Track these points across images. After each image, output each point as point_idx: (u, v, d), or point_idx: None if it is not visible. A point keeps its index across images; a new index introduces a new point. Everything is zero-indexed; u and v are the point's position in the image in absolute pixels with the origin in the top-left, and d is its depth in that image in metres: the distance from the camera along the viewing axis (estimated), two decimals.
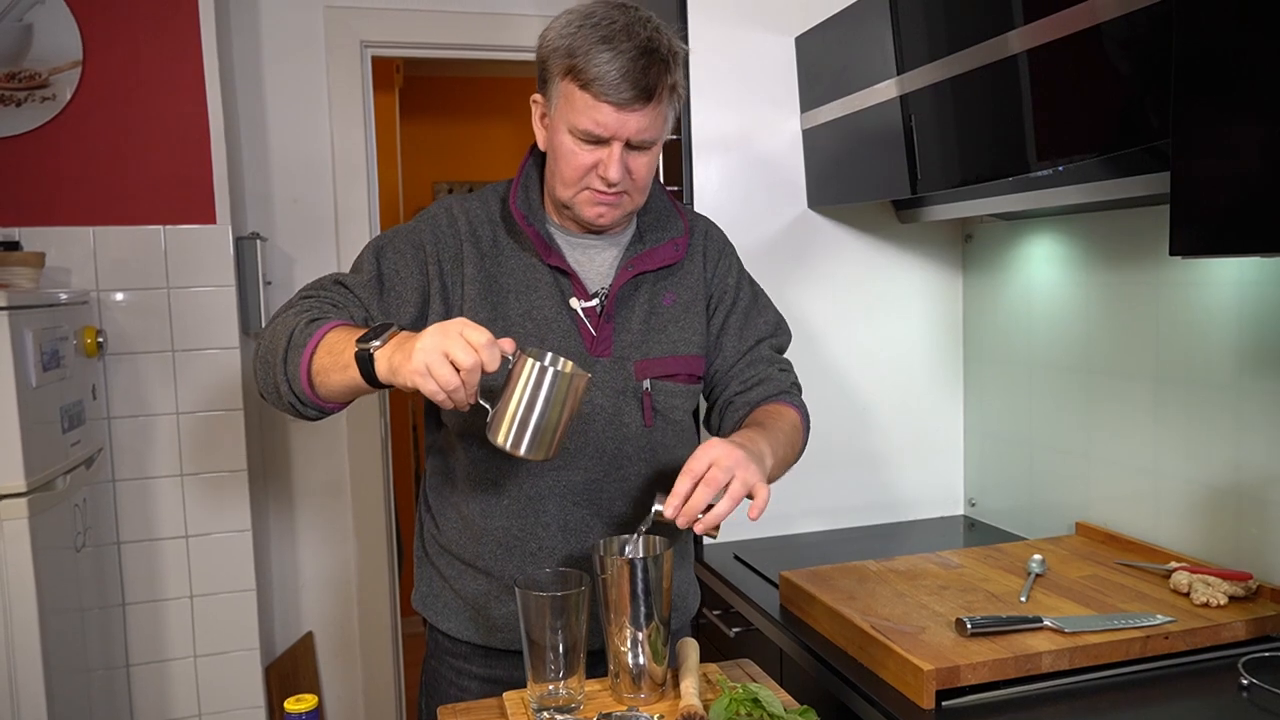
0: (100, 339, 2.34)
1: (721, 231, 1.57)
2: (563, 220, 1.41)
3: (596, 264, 1.42)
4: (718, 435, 1.47)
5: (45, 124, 2.39)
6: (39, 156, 2.40)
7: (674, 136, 2.03)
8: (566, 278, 1.38)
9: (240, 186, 2.73)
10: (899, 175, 1.74)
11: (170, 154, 2.50)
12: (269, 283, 2.75)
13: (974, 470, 2.22)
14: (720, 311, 1.50)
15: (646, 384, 1.40)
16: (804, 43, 2.02)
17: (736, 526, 2.08)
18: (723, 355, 1.50)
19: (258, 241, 2.65)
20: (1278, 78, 1.00)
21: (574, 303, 1.38)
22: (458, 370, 1.06)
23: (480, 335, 1.08)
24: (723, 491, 1.17)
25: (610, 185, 1.30)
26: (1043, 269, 1.95)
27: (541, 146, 1.37)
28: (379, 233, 2.97)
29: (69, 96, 2.39)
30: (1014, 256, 2.04)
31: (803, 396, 1.52)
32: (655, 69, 1.25)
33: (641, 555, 1.24)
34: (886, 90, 1.72)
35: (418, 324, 1.35)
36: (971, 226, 2.16)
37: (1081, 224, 1.84)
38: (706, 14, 2.00)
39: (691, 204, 2.03)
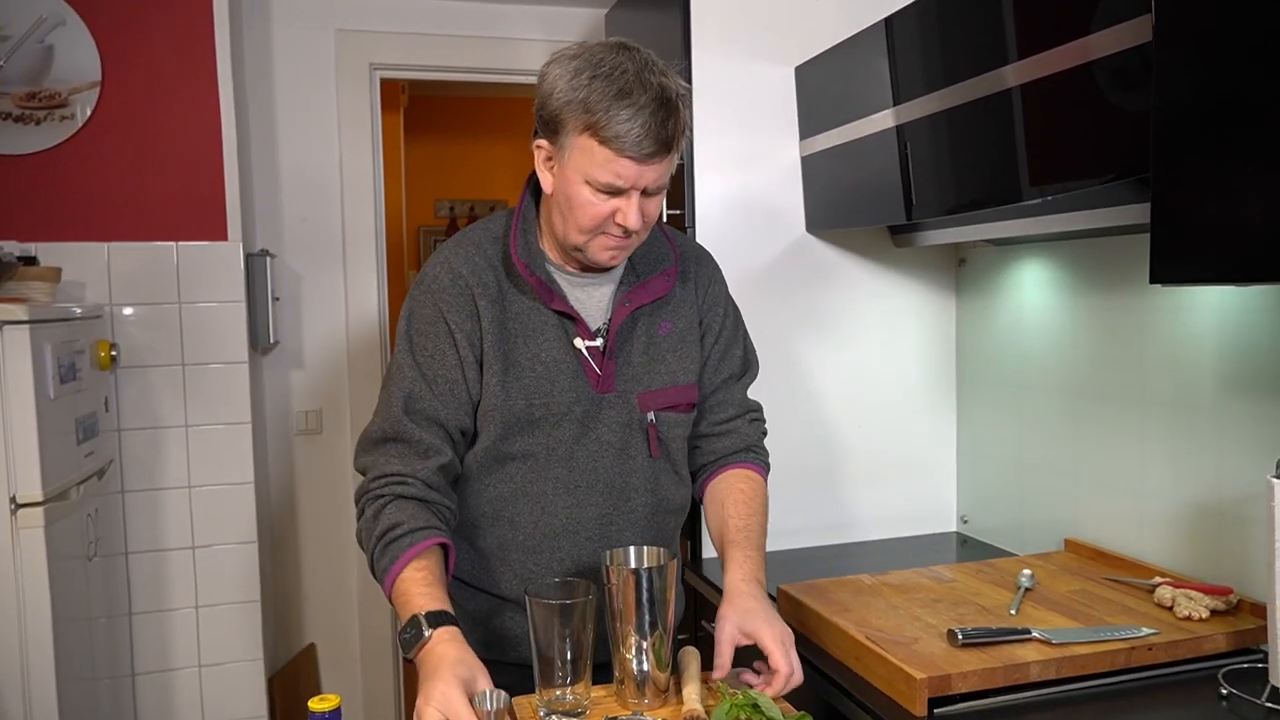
0: (114, 352, 2.40)
1: (712, 258, 1.60)
2: (564, 260, 1.42)
3: (595, 299, 1.45)
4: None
5: (63, 142, 2.45)
6: (56, 173, 2.46)
7: (678, 161, 2.09)
8: (570, 320, 1.41)
9: (251, 204, 2.79)
10: (894, 202, 1.80)
11: (184, 172, 2.56)
12: (277, 298, 2.80)
13: (966, 488, 2.28)
14: (709, 339, 1.54)
15: (651, 416, 1.44)
16: (803, 73, 2.09)
17: None
18: (700, 385, 1.54)
19: (267, 258, 2.71)
20: (1252, 114, 1.07)
21: (578, 343, 1.40)
22: None
23: None
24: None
25: (630, 232, 1.32)
26: (1033, 293, 2.01)
27: (547, 190, 1.37)
28: (383, 254, 3.02)
29: (87, 116, 2.46)
30: (1006, 281, 2.10)
31: (768, 441, 1.61)
32: (672, 120, 1.27)
33: (646, 566, 1.30)
34: (883, 120, 1.79)
35: (479, 390, 1.39)
36: (965, 251, 2.22)
37: (1071, 250, 1.91)
38: (710, 45, 2.07)
39: (694, 227, 2.09)
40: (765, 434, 1.61)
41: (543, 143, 1.34)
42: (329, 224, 2.97)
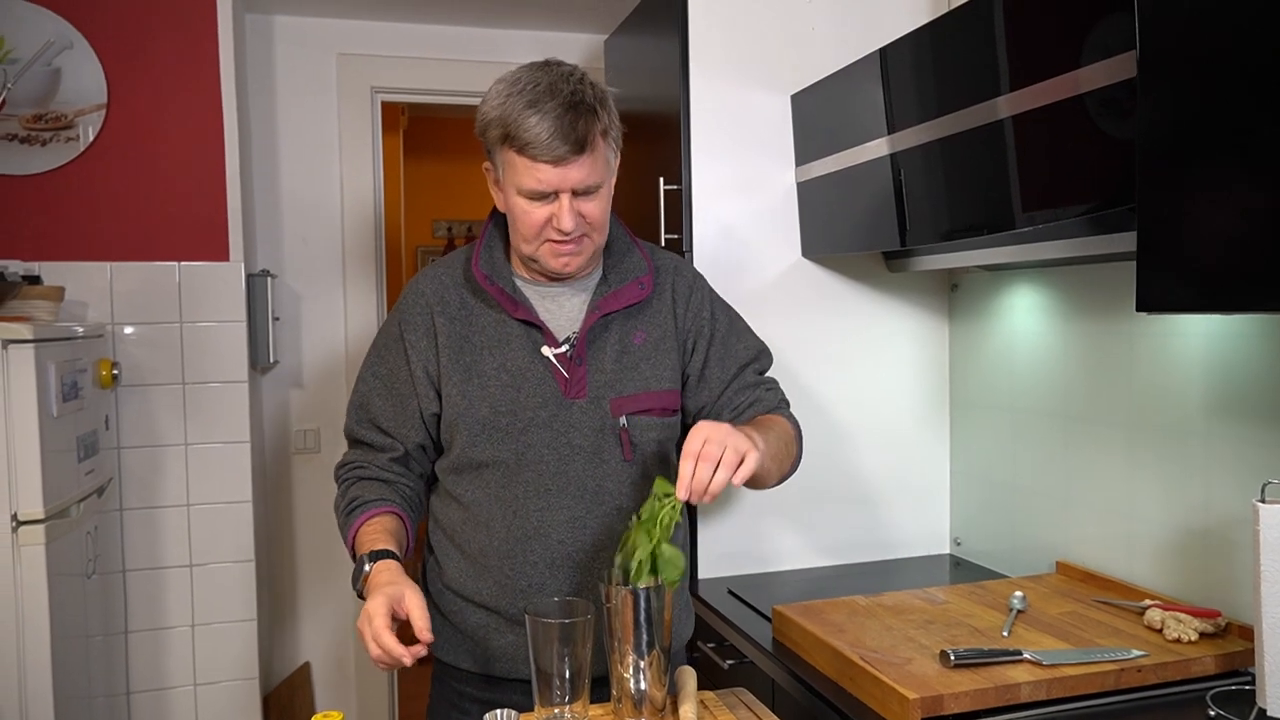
0: (115, 371, 2.41)
1: (691, 267, 1.65)
2: (530, 273, 1.50)
3: (566, 310, 1.50)
4: None
5: (68, 163, 2.48)
6: (61, 194, 2.49)
7: (674, 186, 2.13)
8: (536, 329, 1.47)
9: (253, 225, 2.82)
10: (889, 228, 1.83)
11: (187, 193, 2.59)
12: (277, 318, 2.83)
13: (960, 511, 2.30)
14: (700, 346, 1.57)
15: (623, 420, 1.48)
16: (799, 101, 2.12)
17: (730, 561, 2.16)
18: (708, 387, 1.56)
19: (268, 278, 2.74)
20: (1232, 145, 1.10)
21: (545, 350, 1.46)
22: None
23: (379, 641, 1.22)
24: (717, 464, 1.25)
25: (566, 234, 1.39)
26: (1025, 318, 2.04)
27: (500, 209, 1.47)
28: (383, 274, 3.06)
29: (92, 137, 2.49)
30: (998, 306, 2.13)
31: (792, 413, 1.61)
32: (584, 120, 1.34)
33: (644, 586, 1.31)
34: (878, 148, 1.82)
35: (435, 404, 1.49)
36: (958, 276, 2.25)
37: (1062, 276, 1.94)
38: (707, 73, 2.10)
39: (692, 251, 2.12)
40: (787, 403, 1.62)
41: (488, 165, 1.46)
42: (329, 244, 3.00)
